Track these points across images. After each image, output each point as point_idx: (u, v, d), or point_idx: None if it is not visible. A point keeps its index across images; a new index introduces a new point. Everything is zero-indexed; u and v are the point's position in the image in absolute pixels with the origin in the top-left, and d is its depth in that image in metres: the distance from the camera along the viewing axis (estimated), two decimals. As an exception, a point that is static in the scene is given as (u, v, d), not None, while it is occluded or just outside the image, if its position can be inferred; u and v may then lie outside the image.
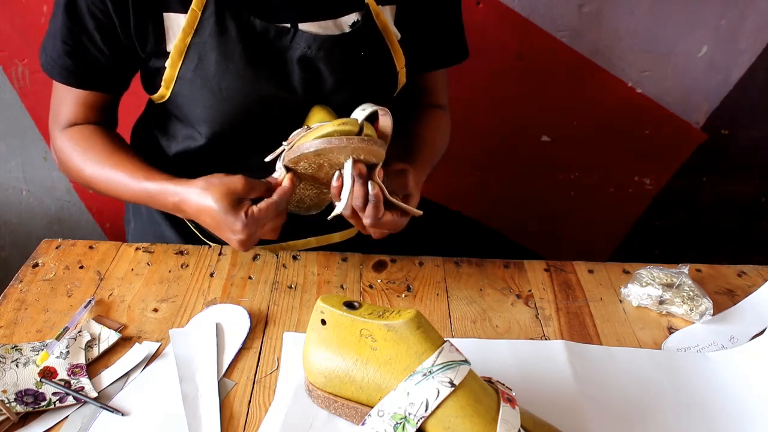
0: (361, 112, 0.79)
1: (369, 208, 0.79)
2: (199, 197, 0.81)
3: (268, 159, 0.83)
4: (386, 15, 0.90)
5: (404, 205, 0.82)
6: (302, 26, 0.86)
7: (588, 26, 1.35)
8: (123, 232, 1.15)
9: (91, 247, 0.94)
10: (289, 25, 0.86)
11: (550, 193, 1.58)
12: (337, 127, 0.76)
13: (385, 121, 0.83)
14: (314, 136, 0.77)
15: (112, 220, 1.64)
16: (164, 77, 0.87)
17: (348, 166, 0.78)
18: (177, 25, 0.84)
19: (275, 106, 0.88)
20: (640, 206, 1.60)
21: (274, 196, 0.81)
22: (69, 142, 0.92)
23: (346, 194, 0.78)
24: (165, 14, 0.84)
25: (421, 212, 0.84)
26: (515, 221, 1.62)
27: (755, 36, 1.36)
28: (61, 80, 0.89)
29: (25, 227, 1.65)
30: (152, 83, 0.90)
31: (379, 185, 0.79)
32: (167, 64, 0.86)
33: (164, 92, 0.88)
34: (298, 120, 0.86)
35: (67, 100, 0.92)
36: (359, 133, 0.77)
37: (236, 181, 0.80)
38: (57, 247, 0.94)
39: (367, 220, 0.80)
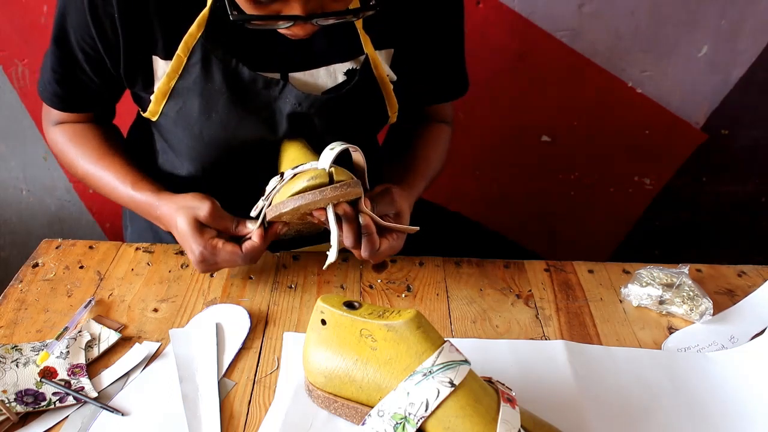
0: (329, 152, 0.78)
1: (364, 242, 0.79)
2: (171, 213, 0.84)
3: (252, 214, 0.83)
4: (382, 60, 0.88)
5: (398, 226, 0.82)
6: (293, 76, 0.85)
7: (588, 26, 1.35)
8: (123, 233, 1.15)
9: (91, 247, 0.94)
10: (278, 76, 0.85)
11: (550, 193, 1.58)
12: (308, 183, 0.76)
13: (357, 157, 0.82)
14: (288, 194, 0.77)
15: (112, 220, 1.64)
16: (149, 109, 0.87)
17: (330, 214, 0.77)
18: (163, 70, 0.84)
19: (259, 147, 0.88)
20: (640, 206, 1.60)
21: (242, 252, 0.82)
22: (63, 136, 0.93)
23: (335, 242, 0.77)
24: (154, 57, 0.83)
25: (416, 228, 0.84)
26: (515, 221, 1.62)
27: (755, 36, 1.36)
28: (52, 105, 0.91)
29: (25, 227, 1.65)
30: (140, 105, 0.91)
31: (369, 215, 0.79)
32: (152, 98, 0.86)
33: (150, 117, 0.89)
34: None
35: (58, 113, 0.93)
36: (330, 181, 0.76)
37: (204, 208, 0.82)
38: (57, 247, 0.94)
39: (365, 253, 0.80)
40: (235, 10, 0.73)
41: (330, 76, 0.86)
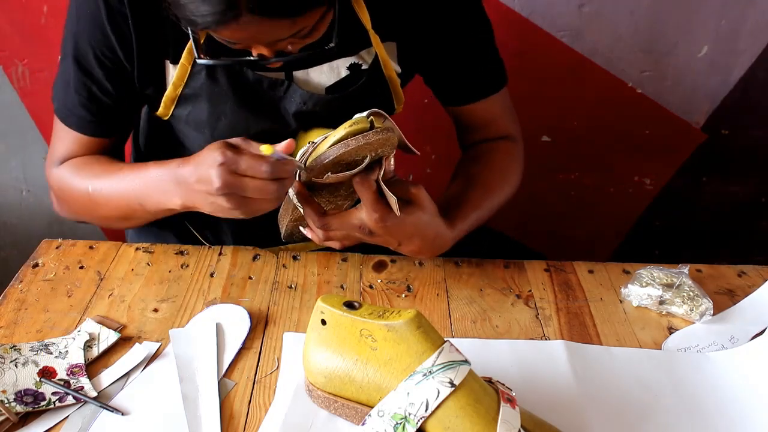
0: (361, 113, 0.76)
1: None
2: (196, 156, 0.76)
3: None
4: (387, 53, 0.88)
5: (390, 194, 0.75)
6: (297, 74, 0.85)
7: (588, 26, 1.35)
8: (123, 232, 1.15)
9: (91, 247, 0.94)
10: (282, 74, 0.84)
11: (550, 193, 1.58)
12: (349, 129, 0.73)
13: (388, 123, 0.81)
14: (328, 145, 0.74)
15: (112, 220, 1.64)
16: (159, 112, 0.87)
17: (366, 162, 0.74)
18: (173, 75, 0.84)
19: (271, 137, 0.87)
20: (640, 206, 1.60)
21: (269, 166, 0.72)
22: (68, 169, 0.90)
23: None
24: (166, 61, 0.84)
25: (395, 202, 0.76)
26: (515, 221, 1.62)
27: (755, 36, 1.36)
28: (78, 130, 0.88)
29: (25, 227, 1.65)
30: (151, 106, 0.91)
31: (381, 167, 0.75)
32: (161, 104, 0.86)
33: (162, 116, 0.89)
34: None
35: (74, 142, 0.90)
36: (371, 128, 0.73)
37: (235, 138, 0.75)
38: (57, 247, 0.94)
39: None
40: (202, 52, 0.73)
41: (333, 71, 0.86)
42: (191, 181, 0.75)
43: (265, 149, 0.71)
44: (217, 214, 0.76)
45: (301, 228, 0.83)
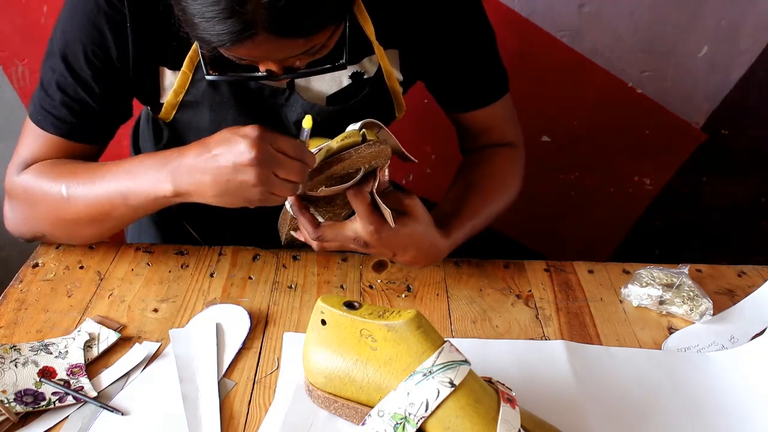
0: (354, 125, 0.77)
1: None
2: (212, 136, 0.73)
3: (287, 204, 0.81)
4: (389, 60, 0.88)
5: (384, 207, 0.76)
6: (298, 82, 0.85)
7: (588, 26, 1.35)
8: (123, 232, 1.15)
9: (91, 247, 0.94)
10: (284, 83, 0.84)
11: (550, 193, 1.58)
12: (341, 143, 0.73)
13: (383, 133, 0.80)
14: (321, 158, 0.74)
15: (112, 220, 1.63)
16: (160, 115, 0.87)
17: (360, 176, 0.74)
18: (170, 80, 0.83)
19: None
20: (640, 206, 1.60)
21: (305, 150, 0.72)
22: (36, 171, 0.85)
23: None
24: (161, 68, 0.83)
25: (389, 214, 0.77)
26: (515, 221, 1.62)
27: (755, 36, 1.36)
28: (54, 131, 0.84)
29: (25, 227, 1.65)
30: (152, 110, 0.90)
31: (384, 181, 0.76)
32: (161, 108, 0.86)
33: (164, 119, 0.88)
34: None
35: (45, 145, 0.85)
36: (363, 141, 0.74)
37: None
38: (57, 247, 0.94)
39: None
40: (210, 67, 0.73)
41: (334, 80, 0.86)
42: (201, 159, 0.71)
43: (306, 121, 0.73)
44: (223, 198, 0.72)
45: (297, 234, 0.84)
